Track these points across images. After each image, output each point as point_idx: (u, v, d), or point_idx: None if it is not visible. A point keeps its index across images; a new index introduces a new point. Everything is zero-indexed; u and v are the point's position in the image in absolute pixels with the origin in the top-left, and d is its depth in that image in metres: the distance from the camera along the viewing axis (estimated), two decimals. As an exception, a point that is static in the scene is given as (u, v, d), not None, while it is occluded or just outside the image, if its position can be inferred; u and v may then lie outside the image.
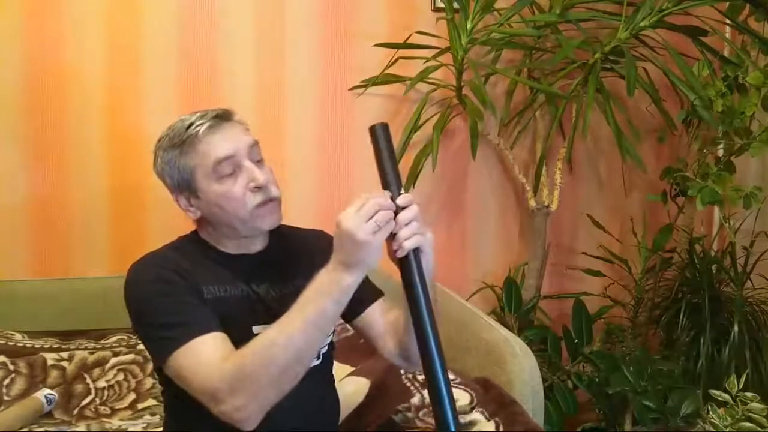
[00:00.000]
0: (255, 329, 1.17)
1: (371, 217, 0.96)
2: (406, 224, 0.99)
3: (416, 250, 1.00)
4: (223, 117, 1.18)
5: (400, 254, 1.00)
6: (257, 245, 1.25)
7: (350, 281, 1.00)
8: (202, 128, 1.15)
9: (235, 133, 1.17)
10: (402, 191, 1.02)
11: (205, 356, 1.05)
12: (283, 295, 1.22)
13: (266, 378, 1.00)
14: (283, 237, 1.26)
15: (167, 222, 2.07)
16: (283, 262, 1.26)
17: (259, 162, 1.19)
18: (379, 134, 1.05)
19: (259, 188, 1.16)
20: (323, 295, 1.00)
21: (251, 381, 1.00)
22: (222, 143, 1.15)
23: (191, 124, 1.16)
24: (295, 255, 1.28)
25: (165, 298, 1.11)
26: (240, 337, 1.12)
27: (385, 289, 1.35)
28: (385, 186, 1.02)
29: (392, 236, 1.00)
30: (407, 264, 1.01)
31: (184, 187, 1.18)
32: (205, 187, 1.16)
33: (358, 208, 0.97)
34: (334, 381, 1.36)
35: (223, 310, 1.15)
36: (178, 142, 1.16)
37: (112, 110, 2.05)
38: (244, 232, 1.20)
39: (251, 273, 1.22)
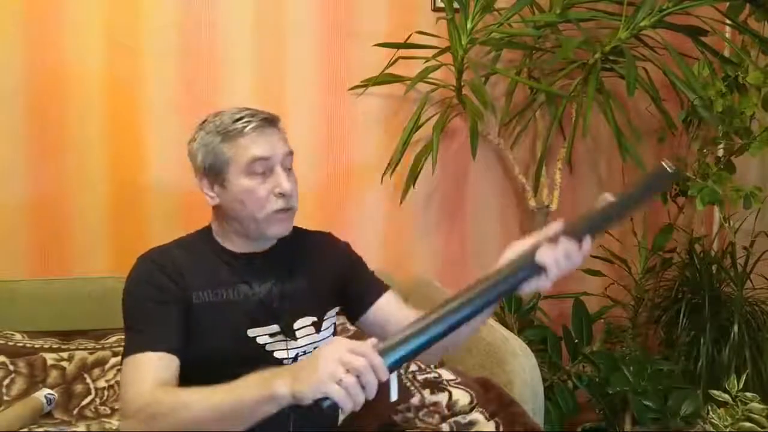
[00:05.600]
0: (250, 332, 1.19)
1: (348, 369, 0.89)
2: None
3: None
4: (270, 122, 1.23)
5: None
6: (265, 244, 1.26)
7: (280, 392, 0.92)
8: (249, 126, 1.19)
9: (276, 138, 1.22)
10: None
11: (141, 375, 1.08)
12: (284, 295, 1.24)
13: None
14: (290, 237, 1.26)
15: (167, 221, 2.08)
16: (289, 261, 1.27)
17: (289, 170, 1.23)
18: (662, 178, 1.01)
19: (282, 195, 1.19)
20: (256, 387, 0.96)
21: (157, 427, 1.01)
22: (263, 144, 1.19)
23: (240, 119, 1.20)
24: (301, 255, 1.29)
25: (144, 302, 1.16)
26: (232, 343, 1.13)
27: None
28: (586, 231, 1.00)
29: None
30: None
31: (212, 173, 1.21)
32: (233, 180, 1.19)
33: (350, 350, 0.90)
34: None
35: (212, 317, 1.17)
36: (222, 130, 1.20)
37: (112, 110, 2.05)
38: (252, 234, 1.22)
39: (255, 272, 1.23)
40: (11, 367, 1.79)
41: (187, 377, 1.10)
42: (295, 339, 1.22)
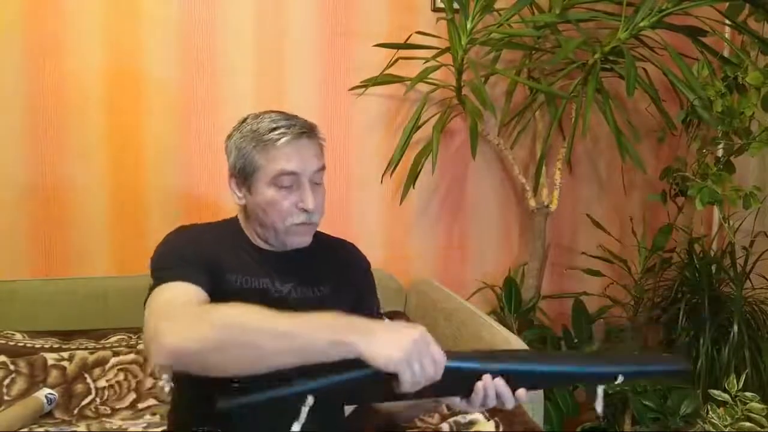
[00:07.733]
0: None
1: (422, 364, 0.92)
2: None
3: None
4: (307, 134, 1.22)
5: None
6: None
7: (353, 345, 0.92)
8: (284, 138, 1.19)
9: (310, 154, 1.22)
10: None
11: (173, 294, 1.08)
12: (305, 299, 1.24)
13: (217, 339, 0.95)
14: (316, 242, 1.27)
15: (167, 221, 2.07)
16: (313, 266, 1.28)
17: (317, 185, 1.23)
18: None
19: (305, 210, 1.20)
20: (329, 329, 0.94)
21: (205, 328, 0.96)
22: (294, 158, 1.19)
23: (276, 128, 1.20)
24: (325, 262, 1.30)
25: (175, 250, 1.18)
26: None
27: (385, 288, 1.36)
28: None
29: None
30: None
31: (242, 176, 1.23)
32: (259, 189, 1.21)
33: (432, 355, 0.93)
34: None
35: (240, 301, 1.17)
36: (257, 137, 1.20)
37: (112, 110, 2.05)
38: (272, 240, 1.25)
39: (278, 270, 1.24)
40: (12, 367, 1.79)
41: None
42: None
